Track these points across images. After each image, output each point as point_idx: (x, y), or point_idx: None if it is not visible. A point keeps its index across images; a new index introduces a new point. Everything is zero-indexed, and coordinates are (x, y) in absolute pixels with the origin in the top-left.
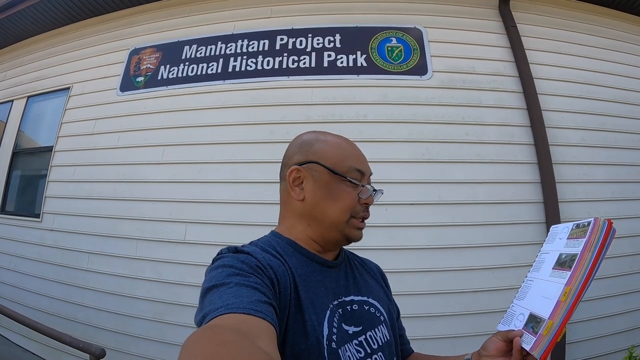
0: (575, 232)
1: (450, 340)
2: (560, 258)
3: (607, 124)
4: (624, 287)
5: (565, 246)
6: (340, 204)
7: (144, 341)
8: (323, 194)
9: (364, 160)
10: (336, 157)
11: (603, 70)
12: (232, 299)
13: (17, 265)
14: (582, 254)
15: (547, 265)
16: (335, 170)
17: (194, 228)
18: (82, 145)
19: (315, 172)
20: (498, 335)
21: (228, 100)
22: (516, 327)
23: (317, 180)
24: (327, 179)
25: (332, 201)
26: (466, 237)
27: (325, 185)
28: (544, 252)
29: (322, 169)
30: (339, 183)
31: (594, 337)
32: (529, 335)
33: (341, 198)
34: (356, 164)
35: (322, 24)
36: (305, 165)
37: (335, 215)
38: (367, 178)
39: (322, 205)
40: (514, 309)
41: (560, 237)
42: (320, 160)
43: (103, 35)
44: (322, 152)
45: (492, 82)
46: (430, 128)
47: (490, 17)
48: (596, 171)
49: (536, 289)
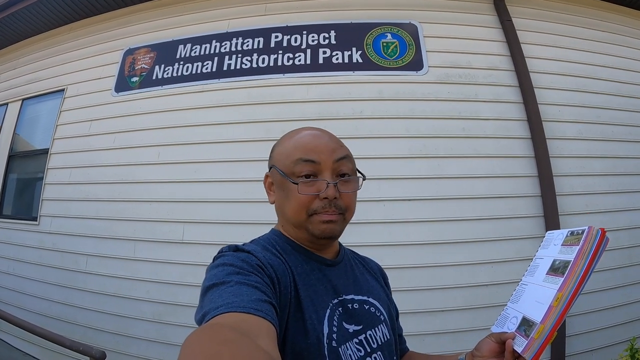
0: (570, 239)
1: (450, 335)
2: (554, 264)
3: (604, 116)
4: (622, 279)
5: (560, 252)
6: (292, 203)
7: (144, 342)
8: (281, 195)
9: (314, 149)
10: (284, 155)
11: (599, 64)
12: (233, 298)
13: (16, 269)
14: (575, 261)
15: (541, 270)
16: (282, 170)
17: (192, 228)
18: (78, 147)
19: (275, 176)
20: (491, 336)
21: (223, 99)
22: (509, 330)
23: (276, 184)
24: (280, 180)
25: (287, 202)
26: (464, 232)
27: (281, 187)
28: (538, 257)
29: (276, 172)
30: (289, 183)
31: (594, 329)
32: (521, 338)
33: (292, 197)
34: (302, 154)
35: (316, 21)
36: (270, 171)
37: (292, 215)
38: (326, 167)
39: (283, 207)
40: (508, 312)
41: (555, 243)
42: (275, 163)
43: (97, 36)
44: (277, 154)
45: (488, 77)
46: (427, 123)
47: (485, 12)
48: (593, 164)
49: (530, 293)
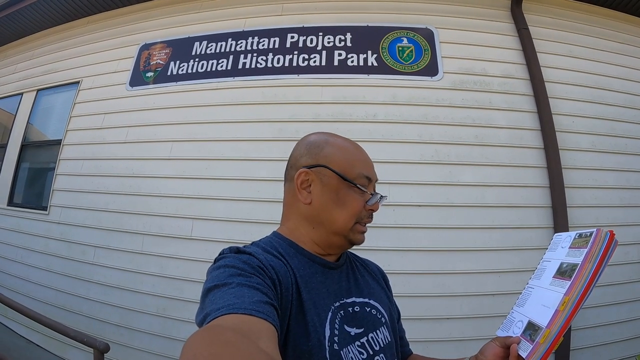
0: (578, 242)
1: (455, 343)
2: (561, 267)
3: (617, 129)
4: (630, 294)
5: (567, 255)
6: (347, 210)
7: (148, 335)
8: (331, 199)
9: (371, 167)
10: (346, 162)
11: (615, 75)
12: (234, 300)
13: (24, 258)
14: (582, 265)
15: (548, 274)
16: (345, 176)
17: (201, 224)
18: (91, 140)
19: (324, 177)
20: (496, 340)
21: (237, 98)
22: (514, 334)
23: (325, 185)
24: (335, 184)
25: (339, 207)
26: (473, 240)
27: (334, 191)
28: (545, 260)
29: (331, 174)
30: (347, 189)
31: (599, 344)
32: (526, 343)
33: (349, 204)
34: (364, 170)
35: (333, 23)
36: (314, 169)
37: (341, 221)
38: (373, 184)
39: (329, 210)
40: (514, 316)
41: (562, 245)
42: (329, 164)
43: (113, 30)
44: (332, 156)
45: (503, 85)
46: (440, 129)
47: (502, 19)
48: (605, 177)
49: (536, 297)
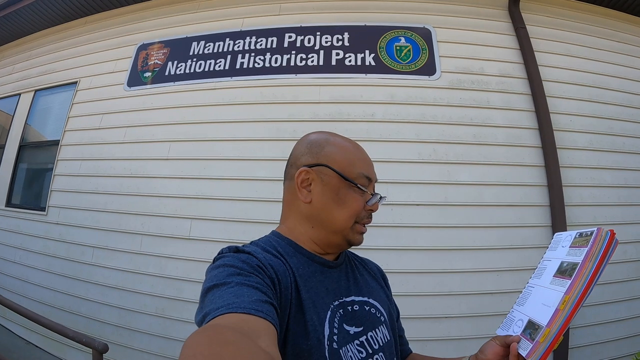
0: (578, 241)
1: (454, 342)
2: (561, 266)
3: (615, 128)
4: (629, 292)
5: (567, 254)
6: (347, 209)
7: (147, 336)
8: (331, 198)
9: (371, 167)
10: (346, 162)
11: (612, 74)
12: (233, 299)
13: (22, 258)
14: (583, 264)
15: (548, 273)
16: (345, 175)
17: (199, 224)
18: (89, 140)
19: (324, 176)
20: (496, 339)
21: (235, 97)
22: (514, 333)
23: (326, 184)
24: (336, 183)
25: (339, 206)
26: (472, 239)
27: (334, 190)
28: (546, 259)
29: (331, 173)
30: (348, 189)
31: (598, 342)
32: (526, 342)
33: (349, 204)
34: (365, 170)
35: (330, 22)
36: (315, 168)
37: (341, 221)
38: (373, 184)
39: (329, 210)
40: (514, 314)
41: (563, 244)
42: (330, 163)
43: (111, 30)
44: (333, 155)
45: (501, 84)
46: (438, 129)
47: (499, 18)
48: (603, 175)
49: (536, 296)
